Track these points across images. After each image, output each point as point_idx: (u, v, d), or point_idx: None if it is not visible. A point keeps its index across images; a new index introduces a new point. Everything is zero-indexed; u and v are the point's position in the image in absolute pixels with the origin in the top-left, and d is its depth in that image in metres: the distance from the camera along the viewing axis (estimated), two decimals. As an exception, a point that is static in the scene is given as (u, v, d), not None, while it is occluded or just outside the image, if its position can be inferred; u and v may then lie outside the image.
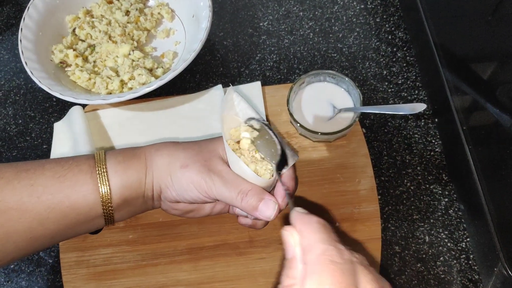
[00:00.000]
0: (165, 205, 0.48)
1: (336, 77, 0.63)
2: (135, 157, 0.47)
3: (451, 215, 0.60)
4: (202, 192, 0.44)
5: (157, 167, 0.46)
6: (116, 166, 0.45)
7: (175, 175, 0.44)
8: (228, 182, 0.43)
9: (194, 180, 0.44)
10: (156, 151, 0.47)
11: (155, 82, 0.61)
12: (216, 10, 0.79)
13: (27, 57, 0.65)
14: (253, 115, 0.46)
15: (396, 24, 0.76)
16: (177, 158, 0.45)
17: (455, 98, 0.60)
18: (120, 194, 0.45)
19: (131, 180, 0.45)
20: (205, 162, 0.45)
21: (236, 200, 0.43)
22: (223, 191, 0.43)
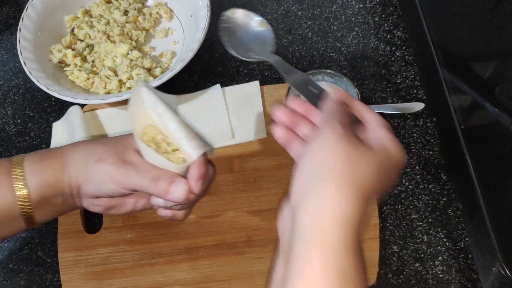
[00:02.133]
0: (86, 202, 0.47)
1: (334, 77, 0.63)
2: (51, 156, 0.46)
3: (449, 214, 0.60)
4: (118, 183, 0.43)
5: (74, 164, 0.45)
6: (33, 166, 0.44)
7: (91, 169, 0.44)
8: (142, 170, 0.43)
9: (109, 172, 0.43)
10: (73, 148, 0.47)
11: (153, 82, 0.61)
12: (214, 9, 0.79)
13: (26, 57, 0.65)
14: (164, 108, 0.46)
15: (395, 23, 0.76)
16: (93, 153, 0.45)
17: (453, 97, 0.60)
18: (38, 194, 0.44)
19: (48, 179, 0.44)
20: (120, 154, 0.44)
21: (150, 186, 0.42)
22: (137, 180, 0.43)
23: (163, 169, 0.44)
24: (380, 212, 0.60)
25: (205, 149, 0.44)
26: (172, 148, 0.46)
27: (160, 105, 0.45)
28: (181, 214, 0.48)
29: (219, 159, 0.62)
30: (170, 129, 0.45)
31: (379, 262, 0.56)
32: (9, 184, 0.43)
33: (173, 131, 0.45)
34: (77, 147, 0.47)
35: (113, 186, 0.44)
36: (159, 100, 0.46)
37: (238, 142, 0.63)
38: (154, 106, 0.46)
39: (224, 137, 0.63)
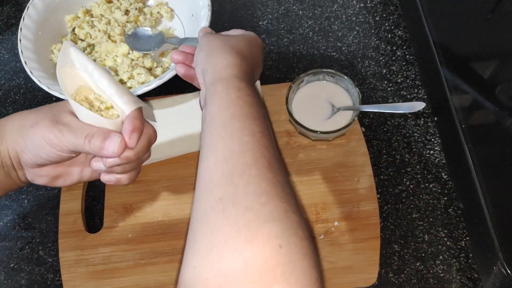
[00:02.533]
0: (30, 174, 0.47)
1: (335, 76, 0.63)
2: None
3: (450, 214, 0.60)
4: (54, 146, 0.44)
5: (10, 133, 0.45)
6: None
7: (26, 135, 0.44)
8: (76, 129, 0.43)
9: (44, 135, 0.43)
10: (7, 119, 0.47)
11: (154, 81, 0.61)
12: (215, 9, 0.79)
13: (27, 57, 0.65)
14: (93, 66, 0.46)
15: (396, 22, 0.76)
16: (27, 119, 0.45)
17: (454, 96, 0.60)
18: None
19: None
20: (54, 117, 0.44)
21: (85, 144, 0.43)
22: (71, 139, 0.43)
23: (97, 127, 0.44)
24: (381, 212, 0.60)
25: (137, 105, 0.45)
26: (105, 106, 0.46)
27: (89, 64, 0.45)
28: (126, 178, 0.47)
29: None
30: (102, 87, 0.45)
31: (380, 261, 0.56)
32: None
33: (104, 88, 0.45)
34: (12, 117, 0.47)
35: (50, 149, 0.44)
36: (87, 59, 0.45)
37: (239, 141, 0.63)
38: (84, 66, 0.45)
39: (225, 136, 0.63)
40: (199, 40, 0.53)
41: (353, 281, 0.55)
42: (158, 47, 0.71)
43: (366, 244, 0.57)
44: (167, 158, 0.63)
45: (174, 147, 0.63)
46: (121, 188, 0.61)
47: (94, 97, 0.46)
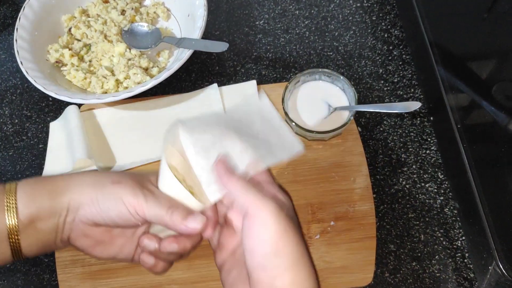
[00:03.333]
0: (77, 230, 0.45)
1: (331, 76, 0.63)
2: (49, 179, 0.46)
3: (446, 213, 0.60)
4: (132, 209, 0.43)
5: (78, 184, 0.45)
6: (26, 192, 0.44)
7: (104, 190, 0.44)
8: (160, 199, 0.44)
9: (124, 196, 0.43)
10: (77, 174, 0.47)
11: (150, 81, 0.61)
12: (212, 9, 0.79)
13: (23, 57, 0.65)
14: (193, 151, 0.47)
15: (392, 22, 0.76)
16: (107, 176, 0.45)
17: (450, 96, 0.60)
18: (27, 218, 0.43)
19: (41, 202, 0.43)
20: (137, 181, 0.45)
21: (166, 215, 0.43)
22: (154, 208, 0.43)
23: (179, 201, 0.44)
24: (377, 211, 0.60)
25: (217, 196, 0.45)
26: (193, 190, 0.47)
27: (190, 147, 0.46)
28: (162, 266, 0.48)
29: (216, 158, 0.63)
30: (195, 170, 0.46)
31: (376, 261, 0.56)
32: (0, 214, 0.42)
33: (197, 172, 0.46)
34: (87, 173, 0.48)
35: (125, 211, 0.43)
36: (192, 140, 0.46)
37: (235, 141, 0.63)
38: (185, 147, 0.46)
39: (221, 136, 0.63)
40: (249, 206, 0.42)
41: (349, 281, 0.55)
42: (156, 44, 0.71)
43: (362, 244, 0.57)
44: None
45: (170, 147, 0.63)
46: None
47: (184, 177, 0.47)
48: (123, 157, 0.63)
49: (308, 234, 0.57)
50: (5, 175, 0.66)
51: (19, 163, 0.67)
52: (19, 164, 0.67)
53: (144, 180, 0.47)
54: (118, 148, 0.64)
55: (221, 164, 0.45)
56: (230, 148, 0.46)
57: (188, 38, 0.66)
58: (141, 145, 0.64)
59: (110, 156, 0.64)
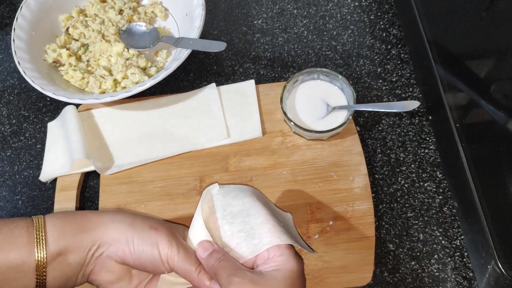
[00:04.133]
0: (101, 264, 0.46)
1: (329, 75, 0.63)
2: (79, 213, 0.46)
3: (445, 212, 0.60)
4: (163, 257, 0.45)
5: (114, 221, 0.46)
6: (55, 221, 0.45)
7: (141, 233, 0.45)
8: (191, 255, 0.46)
9: (161, 243, 0.45)
10: (115, 212, 0.48)
11: (148, 81, 0.61)
12: (210, 8, 0.79)
13: (20, 57, 0.65)
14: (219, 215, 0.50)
15: (391, 21, 0.75)
16: (145, 219, 0.47)
17: (448, 95, 0.60)
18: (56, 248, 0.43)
19: (72, 234, 0.44)
20: (171, 231, 0.47)
21: (195, 272, 0.45)
22: (184, 262, 0.45)
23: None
24: (376, 211, 0.60)
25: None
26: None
27: (220, 210, 0.49)
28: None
29: (214, 158, 0.62)
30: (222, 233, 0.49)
31: (374, 260, 0.56)
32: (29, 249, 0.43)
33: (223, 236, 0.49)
34: (122, 212, 0.48)
35: (157, 257, 0.45)
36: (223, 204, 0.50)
37: (234, 141, 0.63)
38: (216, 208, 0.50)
39: (219, 136, 0.63)
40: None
41: (348, 281, 0.55)
42: (154, 44, 0.71)
43: (361, 243, 0.57)
44: (161, 158, 0.63)
45: (168, 147, 0.63)
46: (116, 189, 0.61)
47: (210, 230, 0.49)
48: (121, 157, 0.63)
49: (307, 234, 0.57)
50: (3, 175, 0.66)
51: (17, 164, 0.67)
52: (17, 164, 0.67)
53: (175, 232, 0.48)
54: (116, 148, 0.64)
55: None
56: (253, 218, 0.49)
57: (186, 38, 0.66)
58: (139, 145, 0.64)
59: (108, 156, 0.63)
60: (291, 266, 0.44)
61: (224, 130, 0.63)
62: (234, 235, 0.48)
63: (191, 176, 0.61)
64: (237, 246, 0.48)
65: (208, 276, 0.45)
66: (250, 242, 0.47)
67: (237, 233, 0.48)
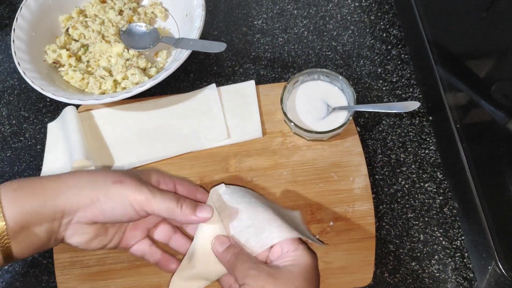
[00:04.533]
0: (73, 229, 0.45)
1: (330, 76, 0.62)
2: (35, 182, 0.45)
3: (445, 213, 0.60)
4: (138, 206, 0.44)
5: (73, 186, 0.44)
6: (11, 194, 0.43)
7: (105, 191, 0.44)
8: (168, 194, 0.46)
9: (130, 194, 0.44)
10: (72, 175, 0.46)
11: (148, 82, 0.61)
12: (210, 8, 0.79)
13: (20, 58, 0.65)
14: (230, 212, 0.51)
15: (391, 21, 0.75)
16: (106, 175, 0.45)
17: (448, 96, 0.60)
18: (17, 223, 0.42)
19: (31, 207, 0.43)
20: (139, 179, 0.46)
21: (177, 208, 0.45)
22: (163, 202, 0.45)
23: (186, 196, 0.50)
24: (376, 211, 0.60)
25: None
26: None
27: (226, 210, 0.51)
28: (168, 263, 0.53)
29: (215, 159, 0.62)
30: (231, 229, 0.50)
31: (375, 261, 0.56)
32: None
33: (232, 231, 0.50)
34: (79, 173, 0.46)
35: (129, 208, 0.44)
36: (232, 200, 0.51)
37: (234, 142, 0.63)
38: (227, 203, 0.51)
39: (219, 136, 0.63)
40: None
41: (348, 281, 0.55)
42: (154, 45, 0.71)
43: (362, 244, 0.57)
44: (162, 159, 0.62)
45: (168, 148, 0.63)
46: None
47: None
48: (121, 158, 0.63)
49: (307, 235, 0.57)
50: (3, 176, 0.66)
51: (17, 164, 0.67)
52: (17, 165, 0.67)
53: (143, 177, 0.47)
54: (117, 149, 0.64)
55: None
56: (262, 214, 0.50)
57: (186, 38, 0.66)
58: (139, 145, 0.64)
59: (108, 157, 0.63)
60: (306, 261, 0.44)
61: (224, 130, 0.63)
62: (243, 231, 0.49)
63: (192, 177, 0.61)
64: (247, 241, 0.48)
65: (192, 206, 0.46)
66: (259, 236, 0.47)
67: (246, 228, 0.49)
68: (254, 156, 0.62)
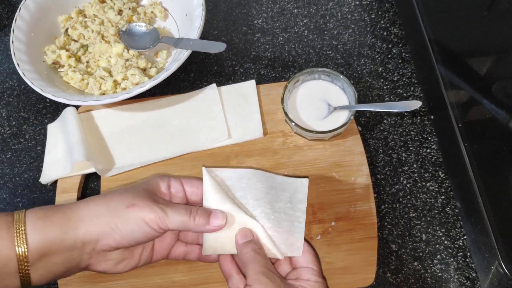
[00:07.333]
0: (96, 258, 0.47)
1: (331, 75, 0.62)
2: (59, 211, 0.45)
3: (447, 212, 0.60)
4: (155, 225, 0.45)
5: (92, 215, 0.45)
6: (36, 222, 0.44)
7: (122, 217, 0.45)
8: (179, 208, 0.46)
9: (145, 216, 0.45)
10: (88, 203, 0.47)
11: (148, 82, 0.60)
12: (210, 8, 0.78)
13: (19, 59, 0.65)
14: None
15: (391, 20, 0.75)
16: (119, 201, 0.46)
17: (450, 94, 0.60)
18: (38, 251, 0.43)
19: (53, 236, 0.44)
20: (148, 196, 0.46)
21: (190, 221, 0.46)
22: (176, 218, 0.46)
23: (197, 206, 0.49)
24: (378, 211, 0.60)
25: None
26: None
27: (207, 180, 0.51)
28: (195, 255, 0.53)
29: (216, 159, 0.62)
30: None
31: (377, 261, 0.56)
32: (9, 240, 0.42)
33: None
34: (94, 200, 0.47)
35: (147, 230, 0.45)
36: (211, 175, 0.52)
37: (235, 142, 0.63)
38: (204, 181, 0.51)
39: (220, 137, 0.63)
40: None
41: (350, 282, 0.55)
42: (154, 45, 0.70)
43: (364, 244, 0.56)
44: (162, 159, 0.62)
45: (169, 149, 0.63)
46: (117, 191, 0.61)
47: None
48: (121, 158, 0.63)
49: (309, 235, 0.57)
50: (3, 178, 0.66)
51: (17, 166, 0.67)
52: (17, 166, 0.67)
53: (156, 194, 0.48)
54: (117, 150, 0.64)
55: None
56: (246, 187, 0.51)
57: (186, 39, 0.65)
58: (140, 146, 0.64)
59: (108, 157, 0.63)
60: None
61: (225, 130, 0.63)
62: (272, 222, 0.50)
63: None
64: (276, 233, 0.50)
65: (204, 216, 0.46)
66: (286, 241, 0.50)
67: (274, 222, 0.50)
68: (255, 156, 0.62)
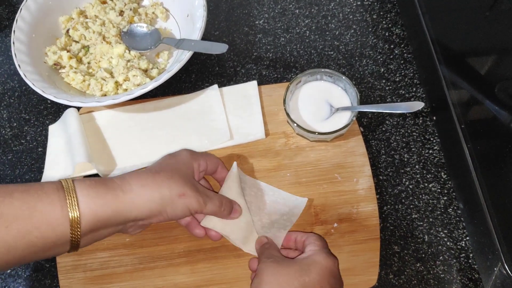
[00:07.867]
0: (132, 228, 0.52)
1: (333, 76, 0.62)
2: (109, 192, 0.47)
3: (450, 213, 0.60)
4: (193, 211, 0.51)
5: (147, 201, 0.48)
6: (87, 189, 0.46)
7: (173, 204, 0.49)
8: (213, 199, 0.52)
9: (191, 204, 0.50)
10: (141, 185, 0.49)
11: (150, 84, 0.60)
12: (211, 8, 0.78)
13: (20, 60, 0.64)
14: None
15: (393, 20, 0.75)
16: (171, 188, 0.49)
17: (452, 95, 0.60)
18: (89, 220, 0.45)
19: (105, 215, 0.46)
20: (194, 186, 0.51)
21: (220, 212, 0.53)
22: (212, 208, 0.52)
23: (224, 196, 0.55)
24: (381, 212, 0.60)
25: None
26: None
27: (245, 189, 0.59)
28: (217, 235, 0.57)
29: (217, 160, 0.62)
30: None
31: (380, 262, 0.56)
32: (63, 213, 0.44)
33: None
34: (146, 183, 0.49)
35: (188, 213, 0.51)
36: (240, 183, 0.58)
37: (237, 143, 0.63)
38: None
39: (222, 138, 0.63)
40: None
41: (353, 283, 0.55)
42: (155, 45, 0.70)
43: (366, 245, 0.56)
44: (164, 161, 0.62)
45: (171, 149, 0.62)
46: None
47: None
48: (123, 160, 0.63)
49: (312, 237, 0.57)
50: (4, 179, 0.66)
51: (18, 167, 0.67)
52: (19, 168, 0.66)
53: (193, 180, 0.53)
54: (118, 151, 0.64)
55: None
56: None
57: (187, 40, 0.65)
58: (141, 147, 0.64)
59: (110, 159, 0.63)
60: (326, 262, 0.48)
61: (227, 132, 0.63)
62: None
63: (194, 179, 0.61)
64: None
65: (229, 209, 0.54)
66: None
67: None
68: (257, 157, 0.62)
